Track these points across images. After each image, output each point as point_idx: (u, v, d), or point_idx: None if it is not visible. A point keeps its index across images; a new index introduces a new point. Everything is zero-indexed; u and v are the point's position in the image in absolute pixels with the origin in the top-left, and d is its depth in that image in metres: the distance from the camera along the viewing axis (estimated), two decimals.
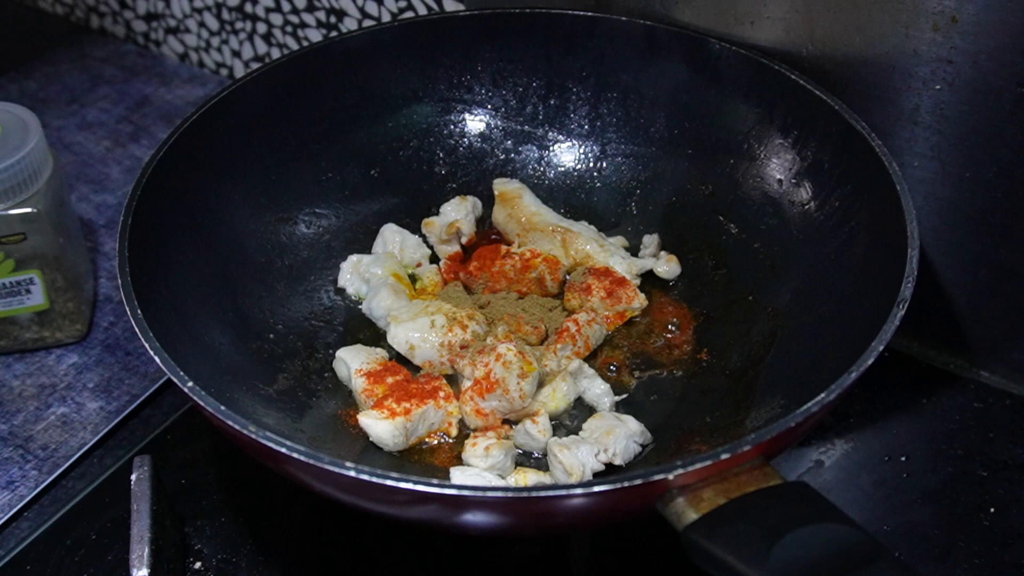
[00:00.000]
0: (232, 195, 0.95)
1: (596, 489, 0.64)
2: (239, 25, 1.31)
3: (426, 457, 0.85)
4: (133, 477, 0.81)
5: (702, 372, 0.90)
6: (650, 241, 0.99)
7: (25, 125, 0.94)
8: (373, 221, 1.02)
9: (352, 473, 0.65)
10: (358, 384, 0.88)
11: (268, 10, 1.27)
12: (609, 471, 0.83)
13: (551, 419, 0.86)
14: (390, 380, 0.87)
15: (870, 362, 0.70)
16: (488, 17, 1.03)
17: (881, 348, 0.71)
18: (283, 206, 0.98)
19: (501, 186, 1.03)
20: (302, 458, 0.66)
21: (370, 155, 1.03)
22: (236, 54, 1.34)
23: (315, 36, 1.25)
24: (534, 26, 1.01)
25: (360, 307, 0.96)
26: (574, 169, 1.04)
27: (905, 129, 0.89)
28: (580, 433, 0.85)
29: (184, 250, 0.88)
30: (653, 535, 0.70)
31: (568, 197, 1.04)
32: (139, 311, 0.75)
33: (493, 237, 1.02)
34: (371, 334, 0.95)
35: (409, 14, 1.16)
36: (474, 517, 0.68)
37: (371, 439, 0.84)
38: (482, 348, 0.87)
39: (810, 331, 0.85)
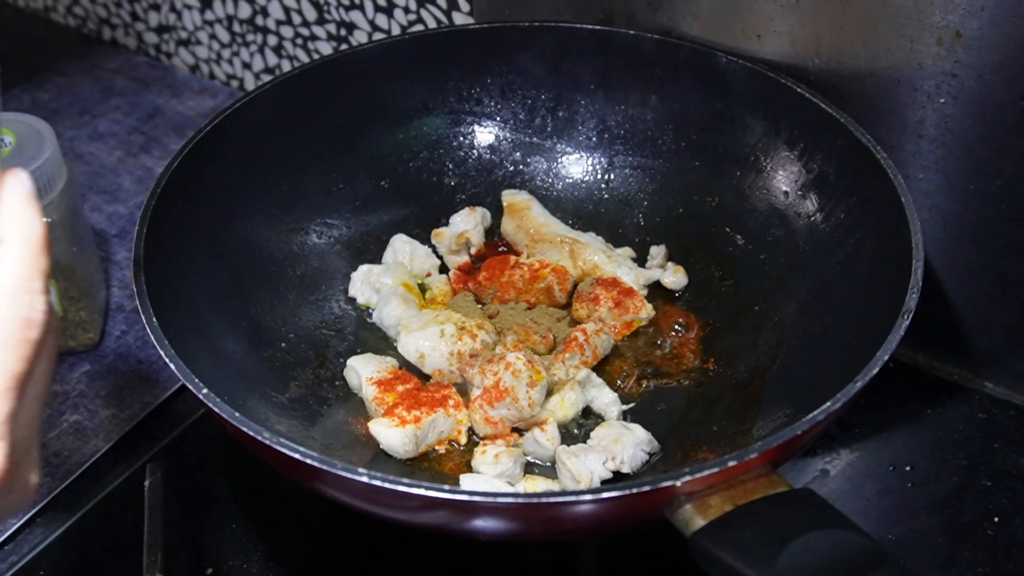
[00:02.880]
0: (244, 205, 0.96)
1: (605, 495, 0.64)
2: (250, 37, 1.32)
3: (436, 464, 0.86)
4: (147, 484, 0.82)
5: (709, 381, 0.91)
6: (657, 252, 1.00)
7: (40, 135, 0.95)
8: (383, 231, 1.03)
9: (365, 479, 0.66)
10: (369, 392, 0.88)
11: (279, 23, 1.28)
12: (617, 479, 0.83)
13: (559, 427, 0.87)
14: (400, 388, 0.88)
15: (875, 372, 0.71)
16: (497, 31, 1.04)
17: (886, 358, 0.71)
18: (294, 216, 0.99)
19: (510, 197, 1.04)
20: (317, 464, 0.67)
21: (380, 166, 1.04)
22: (247, 66, 1.35)
23: (326, 49, 1.26)
24: (543, 40, 1.02)
25: (370, 316, 0.97)
26: (582, 181, 1.05)
27: (910, 142, 0.90)
28: (588, 441, 0.86)
29: (197, 259, 0.89)
30: (660, 541, 0.70)
31: (576, 208, 1.05)
32: (154, 319, 0.76)
33: (502, 248, 1.03)
34: (381, 343, 0.95)
35: (419, 27, 1.17)
36: (484, 523, 0.69)
37: (382, 446, 0.85)
38: (491, 357, 0.88)
39: (816, 341, 0.86)
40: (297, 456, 0.67)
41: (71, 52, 1.46)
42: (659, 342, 0.95)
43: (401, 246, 1.01)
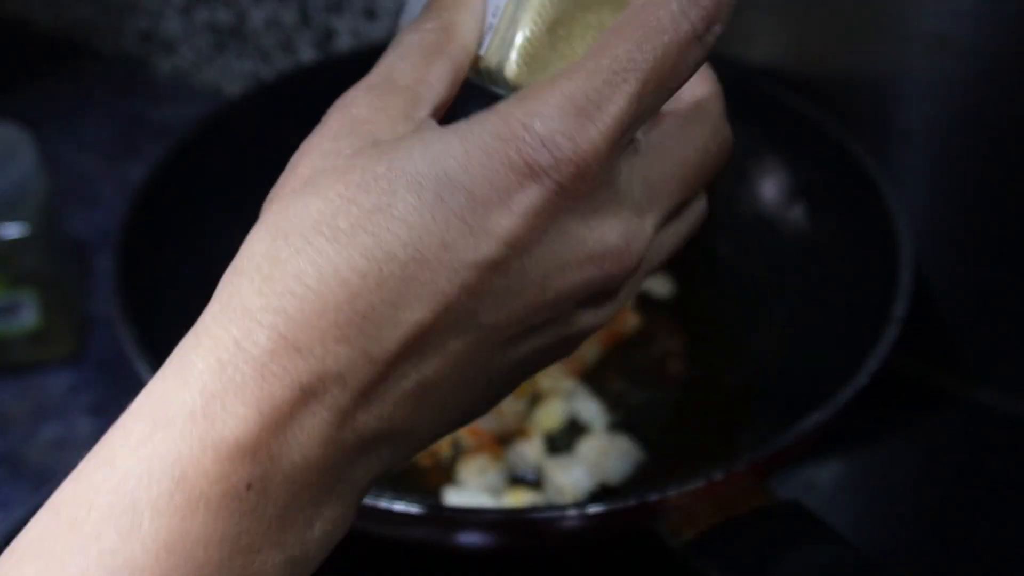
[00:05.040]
0: (226, 214, 0.95)
1: (591, 510, 0.64)
2: (232, 44, 1.31)
3: (419, 478, 0.85)
4: None
5: (695, 391, 0.90)
6: None
7: (17, 144, 0.94)
8: None
9: None
10: None
11: (261, 29, 1.27)
12: (603, 491, 0.83)
13: (544, 439, 0.86)
14: None
15: (864, 382, 0.70)
16: None
17: (875, 368, 0.71)
18: None
19: None
20: None
21: None
22: (229, 73, 1.35)
23: (309, 55, 1.26)
24: None
25: None
26: None
27: (897, 150, 0.90)
28: (574, 453, 0.85)
29: (179, 269, 0.88)
30: (656, 552, 0.70)
31: None
32: (133, 332, 0.75)
33: None
34: None
35: None
36: (467, 538, 0.68)
37: None
38: None
39: (804, 351, 0.85)
40: None
41: (51, 59, 1.45)
42: (645, 352, 0.94)
43: None
